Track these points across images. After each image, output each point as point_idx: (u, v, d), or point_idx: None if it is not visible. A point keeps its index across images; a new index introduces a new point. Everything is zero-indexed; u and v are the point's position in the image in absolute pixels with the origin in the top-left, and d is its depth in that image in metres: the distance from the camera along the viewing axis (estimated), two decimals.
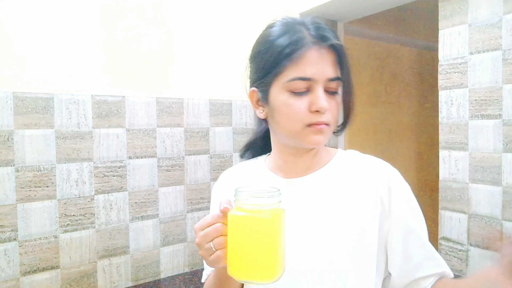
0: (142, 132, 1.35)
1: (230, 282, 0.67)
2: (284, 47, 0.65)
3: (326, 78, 0.65)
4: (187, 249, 1.46)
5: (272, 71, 0.66)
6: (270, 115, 0.70)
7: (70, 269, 1.22)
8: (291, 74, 0.65)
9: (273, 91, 0.67)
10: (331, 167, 0.75)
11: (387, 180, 0.71)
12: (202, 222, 0.58)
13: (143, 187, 1.35)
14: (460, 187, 1.33)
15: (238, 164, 0.86)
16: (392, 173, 0.73)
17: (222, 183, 0.84)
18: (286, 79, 0.65)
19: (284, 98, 0.66)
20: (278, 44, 0.66)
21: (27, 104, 1.14)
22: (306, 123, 0.66)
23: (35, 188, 1.16)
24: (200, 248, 0.58)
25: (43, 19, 1.17)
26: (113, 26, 1.30)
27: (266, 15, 1.62)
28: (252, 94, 0.73)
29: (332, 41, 0.65)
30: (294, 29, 0.66)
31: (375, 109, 2.63)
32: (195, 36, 1.47)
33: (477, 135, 1.27)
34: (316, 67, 0.64)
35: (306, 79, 0.64)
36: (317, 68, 0.64)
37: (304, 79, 0.64)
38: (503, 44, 1.20)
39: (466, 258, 1.31)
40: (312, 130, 0.66)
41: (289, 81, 0.65)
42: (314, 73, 0.64)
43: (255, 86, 0.71)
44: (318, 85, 0.65)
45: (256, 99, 0.73)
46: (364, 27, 2.38)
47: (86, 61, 1.25)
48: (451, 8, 1.33)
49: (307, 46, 0.64)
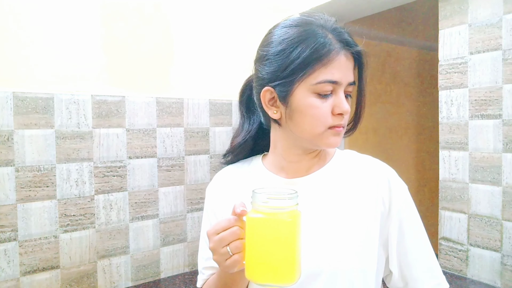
0: (142, 132, 1.35)
1: (237, 286, 0.68)
2: (314, 50, 0.65)
3: (347, 82, 0.68)
4: (187, 249, 1.46)
5: (299, 72, 0.66)
6: (289, 115, 0.69)
7: (70, 269, 1.22)
8: (321, 77, 0.65)
9: (298, 92, 0.67)
10: (332, 167, 0.75)
11: (387, 181, 0.72)
12: (216, 227, 0.58)
13: (143, 187, 1.35)
14: (460, 187, 1.33)
15: (232, 165, 0.85)
16: (391, 173, 0.74)
17: (218, 184, 0.83)
18: (314, 81, 0.65)
19: (310, 100, 0.66)
20: (306, 45, 0.65)
21: (27, 104, 1.14)
22: (329, 125, 0.67)
23: (35, 188, 1.16)
24: (215, 253, 0.57)
25: (43, 19, 1.17)
26: (113, 26, 1.30)
27: (266, 15, 1.62)
28: (265, 93, 0.71)
29: (357, 48, 0.69)
30: (319, 32, 0.67)
31: (375, 109, 2.62)
32: (196, 36, 1.47)
33: (477, 135, 1.27)
34: (343, 71, 0.66)
35: (333, 82, 0.66)
36: (344, 72, 0.67)
37: (332, 82, 0.66)
38: (503, 44, 1.20)
39: (466, 258, 1.31)
40: (333, 132, 0.68)
41: (317, 83, 0.65)
42: (341, 77, 0.66)
43: (272, 86, 0.69)
44: (341, 89, 0.67)
45: (268, 98, 0.71)
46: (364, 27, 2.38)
47: (86, 61, 1.25)
48: (451, 8, 1.33)
49: (336, 51, 0.66)
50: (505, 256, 1.21)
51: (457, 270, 1.34)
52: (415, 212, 0.73)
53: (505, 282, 1.21)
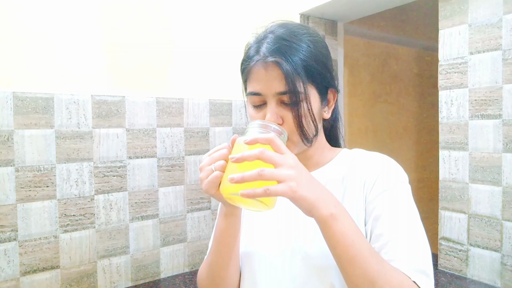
0: (142, 132, 1.35)
1: (229, 234, 0.71)
2: (242, 64, 0.72)
3: (273, 92, 0.67)
4: (187, 249, 1.46)
5: (244, 84, 0.74)
6: None
7: (70, 269, 1.22)
8: (248, 90, 0.71)
9: (247, 101, 0.73)
10: (328, 168, 0.75)
11: (378, 173, 0.69)
12: (211, 150, 0.63)
13: (143, 187, 1.35)
14: (460, 187, 1.33)
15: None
16: (386, 164, 0.71)
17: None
18: (247, 93, 0.72)
19: (250, 110, 0.72)
20: (242, 59, 0.73)
21: (27, 104, 1.14)
22: None
23: (35, 188, 1.16)
24: (202, 170, 0.61)
25: (43, 19, 1.17)
26: (113, 26, 1.30)
27: (266, 16, 1.62)
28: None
29: (269, 59, 0.66)
30: (250, 46, 0.71)
31: (375, 109, 2.63)
32: (195, 36, 1.47)
33: (477, 135, 1.27)
34: (263, 82, 0.67)
35: (255, 94, 0.68)
36: (265, 83, 0.67)
37: (254, 94, 0.69)
38: (503, 44, 1.20)
39: (466, 258, 1.31)
40: None
41: (247, 96, 0.72)
42: (261, 88, 0.67)
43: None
44: (270, 99, 0.67)
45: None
46: (364, 27, 2.38)
47: (86, 61, 1.25)
48: (451, 8, 1.33)
49: (254, 63, 0.68)
50: (505, 256, 1.21)
51: (457, 270, 1.34)
52: (403, 199, 0.67)
53: (505, 282, 1.21)
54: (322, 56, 0.70)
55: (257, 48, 0.69)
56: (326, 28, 1.83)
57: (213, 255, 0.75)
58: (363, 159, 0.73)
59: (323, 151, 0.77)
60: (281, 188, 0.53)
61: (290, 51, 0.66)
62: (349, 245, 0.56)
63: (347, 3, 1.63)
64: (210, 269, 0.76)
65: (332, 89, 0.73)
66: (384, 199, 0.67)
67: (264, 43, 0.68)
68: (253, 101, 0.70)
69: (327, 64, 0.71)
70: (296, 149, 0.70)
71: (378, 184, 0.68)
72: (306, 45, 0.67)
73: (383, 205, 0.66)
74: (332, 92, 0.74)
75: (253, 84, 0.68)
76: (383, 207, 0.66)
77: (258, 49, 0.68)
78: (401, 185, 0.69)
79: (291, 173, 0.54)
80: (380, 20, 2.49)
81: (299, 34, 0.69)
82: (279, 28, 0.70)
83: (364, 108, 2.55)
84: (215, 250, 0.74)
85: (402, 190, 0.68)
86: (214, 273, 0.75)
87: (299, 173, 0.55)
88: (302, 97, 0.66)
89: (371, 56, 2.59)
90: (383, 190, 0.67)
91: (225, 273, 0.74)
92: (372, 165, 0.71)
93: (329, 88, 0.73)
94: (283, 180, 0.53)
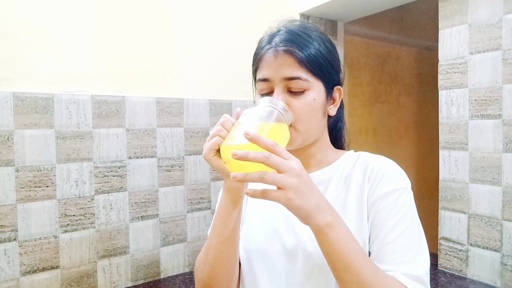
0: (142, 132, 1.35)
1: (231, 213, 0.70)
2: (254, 56, 0.75)
3: (281, 77, 0.68)
4: (187, 249, 1.46)
5: (253, 75, 0.76)
6: None
7: (70, 269, 1.22)
8: (257, 77, 0.72)
9: (256, 91, 0.75)
10: (335, 167, 0.75)
11: (382, 175, 0.69)
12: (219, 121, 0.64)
13: (143, 187, 1.35)
14: (460, 187, 1.33)
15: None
16: (391, 170, 0.70)
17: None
18: (255, 82, 0.74)
19: (257, 99, 0.73)
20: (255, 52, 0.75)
21: (27, 104, 1.14)
22: None
23: (35, 188, 1.16)
24: (208, 140, 0.63)
25: (43, 19, 1.17)
26: (113, 26, 1.30)
27: (266, 16, 1.62)
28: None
29: (281, 46, 0.68)
30: (262, 40, 0.74)
31: (375, 109, 2.62)
32: (195, 36, 1.47)
33: (477, 135, 1.27)
34: (272, 68, 0.69)
35: (263, 80, 0.70)
36: (273, 69, 0.68)
37: (262, 80, 0.70)
38: (503, 44, 1.20)
39: (466, 258, 1.31)
40: None
41: (256, 83, 0.73)
42: (270, 73, 0.69)
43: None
44: (277, 85, 0.68)
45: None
46: (364, 27, 2.38)
47: (86, 61, 1.25)
48: (451, 8, 1.33)
49: (264, 52, 0.70)
50: (505, 256, 1.21)
51: (457, 270, 1.34)
52: (404, 204, 0.67)
53: (505, 282, 1.21)
54: (330, 55, 0.72)
55: (269, 39, 0.71)
56: (326, 28, 1.83)
57: (211, 237, 0.72)
58: (367, 161, 0.73)
59: (327, 151, 0.77)
60: (277, 196, 0.53)
61: (302, 43, 0.68)
62: (344, 252, 0.57)
63: (347, 3, 1.63)
64: (209, 253, 0.72)
65: (338, 88, 0.75)
66: (386, 203, 0.67)
67: (276, 35, 0.71)
68: (261, 88, 0.71)
69: (335, 63, 0.73)
70: (299, 139, 0.69)
71: (380, 186, 0.68)
72: (317, 42, 0.70)
73: (385, 208, 0.66)
74: (338, 91, 0.75)
75: (262, 70, 0.70)
76: (384, 211, 0.66)
77: (271, 40, 0.71)
78: (404, 190, 0.68)
79: (292, 182, 0.53)
80: (380, 20, 2.48)
81: (311, 31, 0.71)
82: (291, 23, 0.73)
83: (364, 108, 2.55)
84: (214, 231, 0.71)
85: (404, 195, 0.68)
86: (212, 256, 0.71)
87: (300, 181, 0.54)
88: (309, 86, 0.68)
89: (371, 56, 2.58)
90: (385, 193, 0.67)
91: (224, 256, 0.71)
92: (376, 167, 0.71)
93: (335, 86, 0.74)
94: (282, 188, 0.53)
